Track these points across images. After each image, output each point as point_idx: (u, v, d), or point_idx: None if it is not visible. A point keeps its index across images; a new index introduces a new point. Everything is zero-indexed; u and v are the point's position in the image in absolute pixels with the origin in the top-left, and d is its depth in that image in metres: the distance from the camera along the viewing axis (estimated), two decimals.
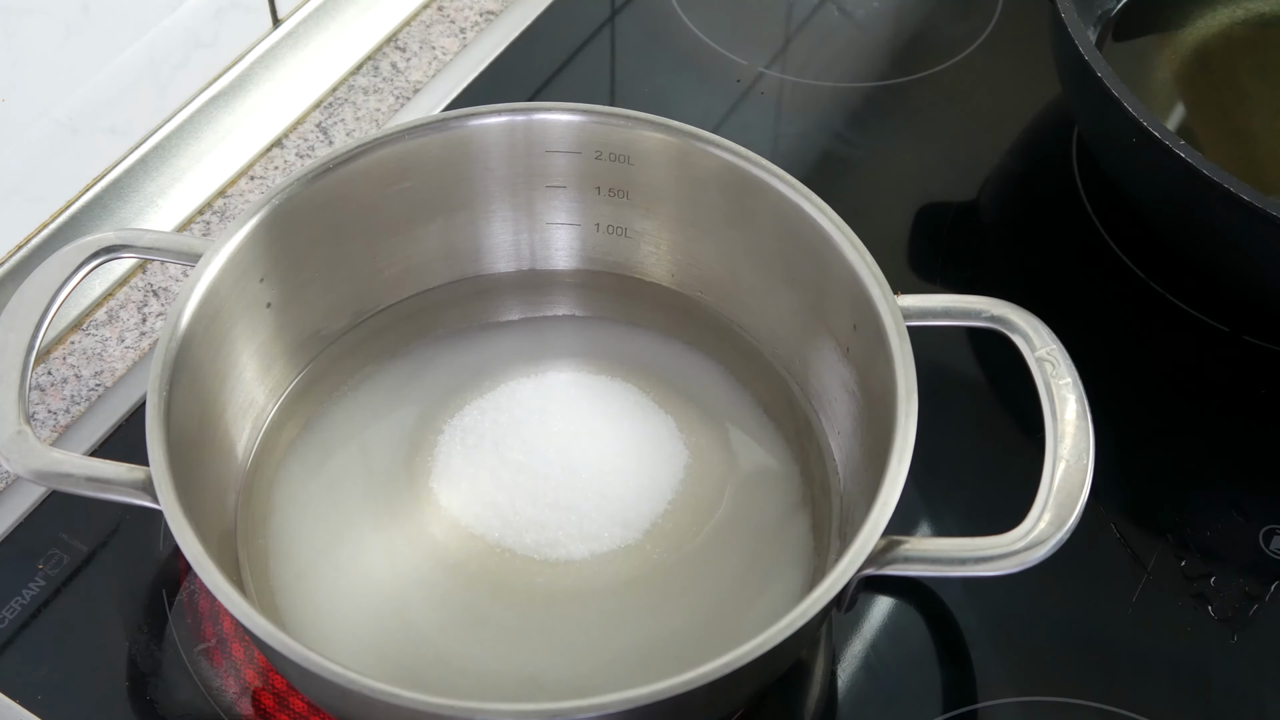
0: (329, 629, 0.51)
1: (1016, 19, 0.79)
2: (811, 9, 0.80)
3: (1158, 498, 0.59)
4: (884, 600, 0.55)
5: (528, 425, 0.56)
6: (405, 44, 0.77)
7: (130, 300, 0.65)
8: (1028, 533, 0.45)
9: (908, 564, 0.45)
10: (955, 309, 0.51)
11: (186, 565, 0.47)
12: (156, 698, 0.52)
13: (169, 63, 0.67)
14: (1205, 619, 0.55)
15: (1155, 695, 0.52)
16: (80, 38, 0.61)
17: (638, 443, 0.56)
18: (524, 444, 0.55)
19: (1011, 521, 0.45)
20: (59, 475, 0.46)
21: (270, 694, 0.52)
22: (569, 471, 0.54)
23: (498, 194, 0.58)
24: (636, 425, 0.56)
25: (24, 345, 0.49)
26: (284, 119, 0.73)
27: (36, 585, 0.54)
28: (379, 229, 0.57)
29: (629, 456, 0.55)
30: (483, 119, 0.56)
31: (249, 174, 0.70)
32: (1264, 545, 0.57)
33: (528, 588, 0.52)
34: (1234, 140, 0.70)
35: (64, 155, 0.63)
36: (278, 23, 0.73)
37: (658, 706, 0.40)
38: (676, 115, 0.55)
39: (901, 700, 0.53)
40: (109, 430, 0.59)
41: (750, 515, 0.54)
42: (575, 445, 0.55)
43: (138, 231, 0.53)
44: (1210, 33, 0.75)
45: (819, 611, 0.42)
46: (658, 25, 0.79)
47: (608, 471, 0.55)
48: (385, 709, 0.41)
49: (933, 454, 0.50)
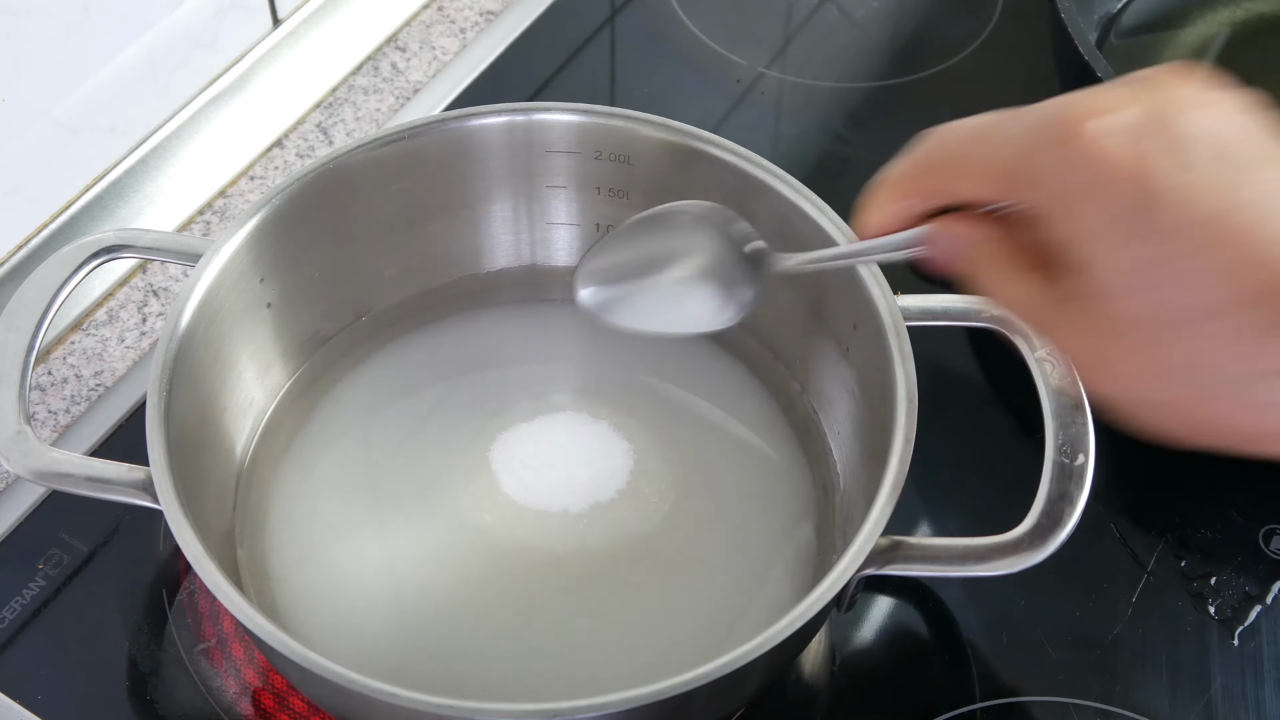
0: (329, 628, 0.51)
1: (1016, 19, 0.79)
2: (811, 9, 0.80)
3: (1158, 498, 0.59)
4: (884, 600, 0.55)
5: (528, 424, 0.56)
6: (405, 44, 0.77)
7: (130, 300, 0.65)
8: (1028, 533, 0.45)
9: (908, 564, 0.45)
10: (955, 309, 0.51)
11: (186, 565, 0.47)
12: (156, 698, 0.52)
13: (169, 63, 0.67)
14: (1205, 619, 0.55)
15: (1155, 695, 0.52)
16: (80, 38, 0.61)
17: (637, 442, 0.56)
18: (525, 442, 0.55)
19: (1011, 521, 0.45)
20: (59, 475, 0.47)
21: (270, 694, 0.52)
22: (569, 472, 0.54)
23: (498, 194, 0.58)
24: (636, 424, 0.56)
25: (24, 345, 0.49)
26: (284, 119, 0.73)
27: (36, 585, 0.54)
28: (379, 229, 0.57)
29: (628, 456, 0.55)
30: (483, 119, 0.56)
31: (249, 174, 0.70)
32: (1264, 545, 0.57)
33: (528, 586, 0.52)
34: None
35: (64, 155, 0.63)
36: (278, 23, 0.73)
37: (658, 706, 0.40)
38: (676, 115, 0.55)
39: (901, 700, 0.53)
40: (109, 430, 0.59)
41: (750, 515, 0.54)
42: (576, 445, 0.55)
43: (138, 231, 0.53)
44: (1210, 33, 0.75)
45: (819, 611, 0.42)
46: (658, 25, 0.79)
47: (607, 471, 0.55)
48: (385, 709, 0.41)
49: (933, 454, 0.50)
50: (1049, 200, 0.35)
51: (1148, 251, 0.33)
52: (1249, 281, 0.32)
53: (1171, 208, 0.32)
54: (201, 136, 0.70)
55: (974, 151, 0.37)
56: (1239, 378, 0.33)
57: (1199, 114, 0.33)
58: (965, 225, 0.38)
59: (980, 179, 0.37)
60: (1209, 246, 0.32)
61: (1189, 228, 0.32)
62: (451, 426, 0.56)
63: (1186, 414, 0.35)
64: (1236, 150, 0.33)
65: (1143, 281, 0.33)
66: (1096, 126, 0.33)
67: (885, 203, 0.41)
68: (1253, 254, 0.32)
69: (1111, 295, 0.34)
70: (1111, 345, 0.35)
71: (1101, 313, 0.34)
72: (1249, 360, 0.32)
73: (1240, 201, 0.32)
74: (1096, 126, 0.33)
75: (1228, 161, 0.33)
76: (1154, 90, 0.35)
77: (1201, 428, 0.35)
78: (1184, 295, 0.32)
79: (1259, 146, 0.33)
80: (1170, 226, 0.32)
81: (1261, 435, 0.34)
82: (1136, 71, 0.36)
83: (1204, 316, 0.32)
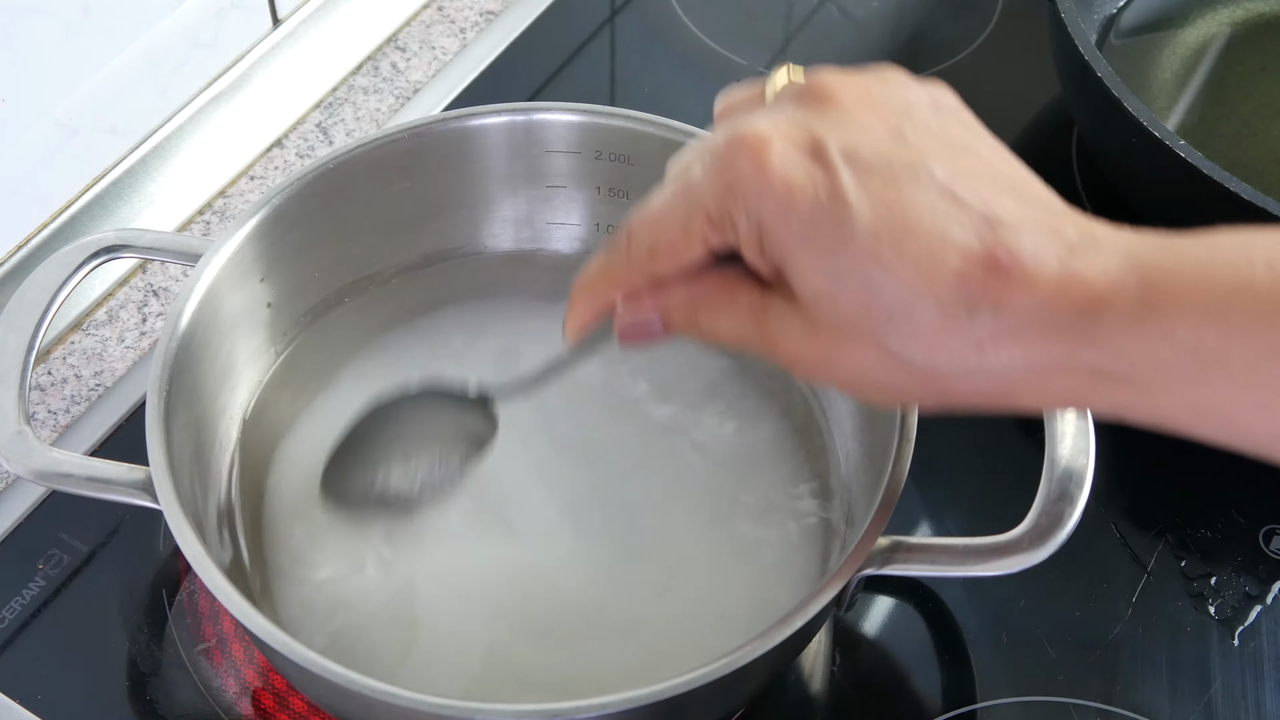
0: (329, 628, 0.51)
1: (1016, 19, 0.79)
2: (811, 9, 0.80)
3: (1158, 498, 0.59)
4: (884, 600, 0.55)
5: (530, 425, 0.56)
6: (405, 44, 0.77)
7: (130, 300, 0.65)
8: (1028, 532, 0.45)
9: (908, 564, 0.45)
10: None
11: (186, 565, 0.47)
12: (156, 698, 0.52)
13: (169, 63, 0.67)
14: (1205, 619, 0.55)
15: (1155, 695, 0.52)
16: (80, 38, 0.61)
17: (635, 441, 0.56)
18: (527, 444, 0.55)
19: (1011, 521, 0.45)
20: (59, 475, 0.47)
21: (270, 694, 0.52)
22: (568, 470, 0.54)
23: (498, 194, 0.58)
24: (635, 423, 0.56)
25: (24, 345, 0.49)
26: (284, 119, 0.73)
27: (36, 585, 0.54)
28: (379, 229, 0.57)
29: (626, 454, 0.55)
30: (483, 119, 0.56)
31: (249, 174, 0.70)
32: (1264, 545, 0.57)
33: (527, 585, 0.52)
34: (1234, 140, 0.70)
35: (64, 155, 0.63)
36: (278, 23, 0.73)
37: (658, 706, 0.40)
38: (676, 115, 0.55)
39: (901, 700, 0.53)
40: (109, 430, 0.59)
41: (750, 514, 0.54)
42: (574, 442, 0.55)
43: (138, 231, 0.53)
44: (1210, 33, 0.75)
45: (819, 611, 0.42)
46: (658, 25, 0.79)
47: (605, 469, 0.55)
48: (385, 709, 0.41)
49: (933, 454, 0.50)
50: (748, 230, 0.37)
51: (843, 261, 0.35)
52: (941, 273, 0.34)
53: (853, 220, 0.35)
54: (201, 136, 0.70)
55: (668, 223, 0.39)
56: (955, 353, 0.35)
57: (856, 128, 0.37)
58: (647, 296, 0.41)
59: (692, 244, 0.39)
60: (894, 249, 0.35)
61: (873, 236, 0.35)
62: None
63: (920, 389, 0.37)
64: (892, 160, 0.36)
65: (846, 286, 0.36)
66: (777, 165, 0.36)
67: (585, 308, 0.43)
68: (932, 251, 0.35)
69: (821, 301, 0.36)
70: (831, 345, 0.37)
71: (816, 317, 0.37)
72: (944, 344, 0.35)
73: (905, 208, 0.35)
74: (777, 165, 0.36)
75: (890, 173, 0.36)
76: (818, 108, 0.37)
77: (909, 398, 0.38)
78: (885, 293, 0.35)
79: (911, 152, 0.36)
80: (858, 236, 0.35)
81: (962, 398, 0.37)
82: (795, 82, 0.39)
83: (908, 307, 0.35)
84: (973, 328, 0.35)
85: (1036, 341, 0.34)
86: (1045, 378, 0.35)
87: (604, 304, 0.42)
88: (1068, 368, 0.35)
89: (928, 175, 0.36)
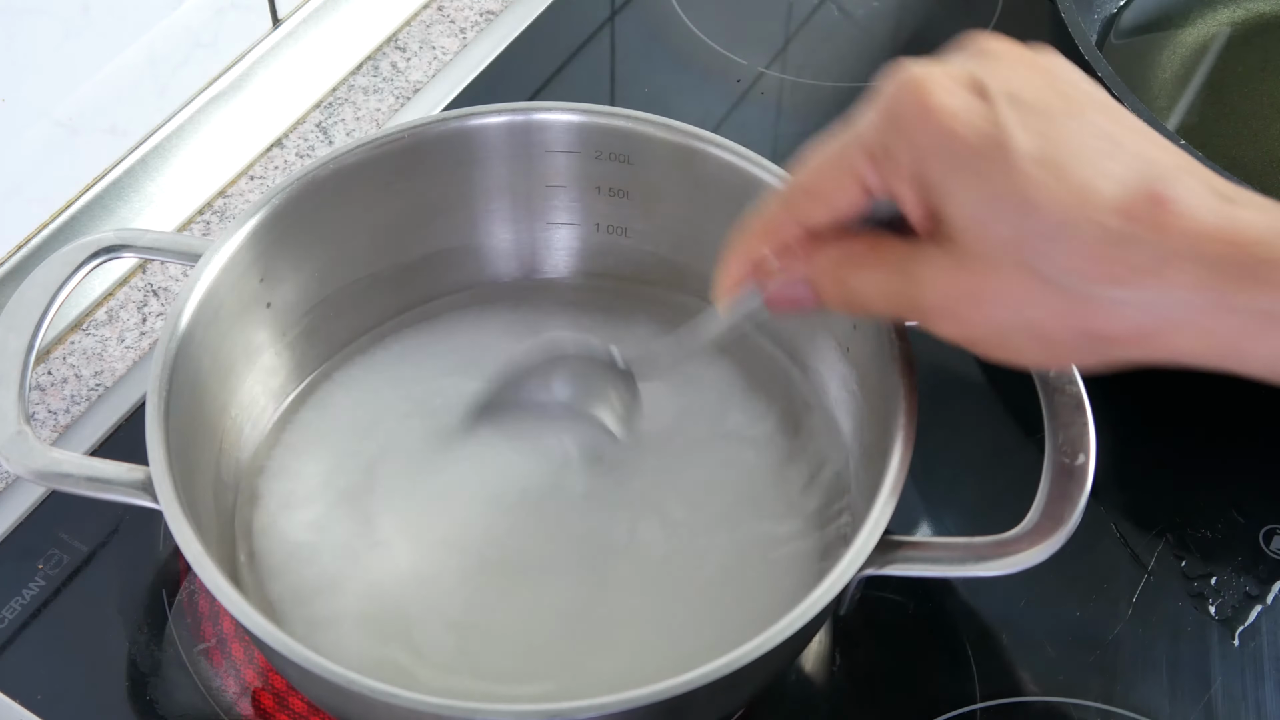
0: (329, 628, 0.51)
1: (1016, 19, 0.79)
2: (811, 9, 0.80)
3: (1158, 498, 0.59)
4: (884, 600, 0.55)
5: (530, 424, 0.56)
6: (405, 44, 0.77)
7: (130, 300, 0.65)
8: (1028, 533, 0.45)
9: (908, 564, 0.45)
10: None
11: (186, 565, 0.47)
12: (156, 698, 0.52)
13: (169, 63, 0.67)
14: (1205, 619, 0.55)
15: (1155, 695, 0.52)
16: (80, 38, 0.61)
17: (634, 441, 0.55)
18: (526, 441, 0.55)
19: (1011, 521, 0.45)
20: (59, 475, 0.47)
21: (270, 694, 0.52)
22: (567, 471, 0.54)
23: (498, 194, 0.58)
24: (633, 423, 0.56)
25: (24, 345, 0.49)
26: (284, 119, 0.73)
27: (36, 585, 0.54)
28: (379, 229, 0.57)
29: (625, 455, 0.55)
30: (483, 119, 0.56)
31: (249, 174, 0.71)
32: (1264, 545, 0.57)
33: (527, 586, 0.52)
34: (1234, 140, 0.70)
35: (64, 155, 0.63)
36: (278, 23, 0.73)
37: (658, 706, 0.40)
38: (676, 115, 0.55)
39: (901, 700, 0.53)
40: (109, 430, 0.59)
41: (750, 514, 0.54)
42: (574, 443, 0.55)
43: (138, 231, 0.53)
44: (1210, 33, 0.75)
45: (819, 611, 0.42)
46: (658, 25, 0.79)
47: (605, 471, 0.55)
48: (385, 709, 0.41)
49: (933, 454, 0.50)
50: (909, 162, 0.39)
51: (1002, 185, 0.37)
52: (1102, 198, 0.36)
53: (1015, 147, 0.37)
54: (201, 136, 0.70)
55: (827, 162, 0.41)
56: (1092, 283, 0.37)
57: (1017, 76, 0.39)
58: (799, 250, 0.42)
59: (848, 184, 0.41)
60: (1055, 175, 0.36)
61: (1034, 163, 0.37)
62: (450, 425, 0.56)
63: (1044, 334, 0.38)
64: (1051, 104, 0.38)
65: (1003, 209, 0.37)
66: (941, 98, 0.38)
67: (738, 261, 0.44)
68: (1093, 180, 0.36)
69: (976, 228, 0.38)
70: (983, 277, 0.38)
71: (968, 247, 0.38)
72: (1102, 265, 0.36)
73: (1066, 140, 0.37)
74: (941, 98, 0.38)
75: (1050, 114, 0.38)
76: (979, 57, 0.40)
77: (1056, 345, 0.39)
78: (1044, 215, 0.36)
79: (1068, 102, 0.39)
80: (1019, 161, 0.37)
81: (1113, 338, 0.38)
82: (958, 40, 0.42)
83: (1067, 228, 0.36)
84: (1131, 252, 0.36)
85: (1198, 275, 0.35)
86: (1206, 317, 0.36)
87: (757, 258, 0.43)
88: (1233, 308, 0.35)
89: (1086, 120, 0.38)
